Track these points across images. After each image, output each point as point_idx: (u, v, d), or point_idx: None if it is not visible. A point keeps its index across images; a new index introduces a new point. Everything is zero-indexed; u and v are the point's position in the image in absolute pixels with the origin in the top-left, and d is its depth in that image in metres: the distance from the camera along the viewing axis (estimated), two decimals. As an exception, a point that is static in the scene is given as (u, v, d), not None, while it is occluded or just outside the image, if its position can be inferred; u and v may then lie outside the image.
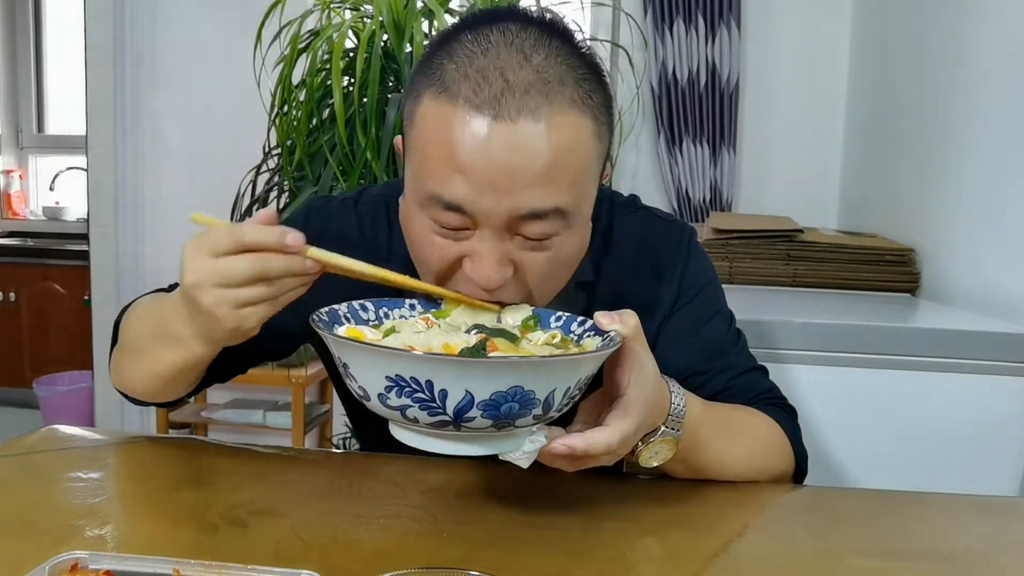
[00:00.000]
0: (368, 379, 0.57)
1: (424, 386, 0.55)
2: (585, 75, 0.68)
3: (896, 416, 1.35)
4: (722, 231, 1.92)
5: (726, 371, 0.88)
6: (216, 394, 3.00)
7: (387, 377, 0.56)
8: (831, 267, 1.87)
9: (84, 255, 3.04)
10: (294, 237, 0.63)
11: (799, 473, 0.87)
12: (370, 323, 0.69)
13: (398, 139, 0.77)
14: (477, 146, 0.64)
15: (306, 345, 0.94)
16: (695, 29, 2.44)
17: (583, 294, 0.86)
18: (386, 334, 0.65)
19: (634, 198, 0.94)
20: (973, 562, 0.68)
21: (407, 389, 0.55)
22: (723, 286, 0.95)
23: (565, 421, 0.65)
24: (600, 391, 0.69)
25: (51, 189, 4.06)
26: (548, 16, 0.70)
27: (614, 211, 0.90)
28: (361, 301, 0.70)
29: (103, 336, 3.01)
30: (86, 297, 3.07)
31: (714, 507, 0.76)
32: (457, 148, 0.65)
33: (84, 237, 3.06)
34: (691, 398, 0.74)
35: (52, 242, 3.84)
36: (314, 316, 0.63)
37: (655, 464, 0.71)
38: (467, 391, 0.55)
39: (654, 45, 2.47)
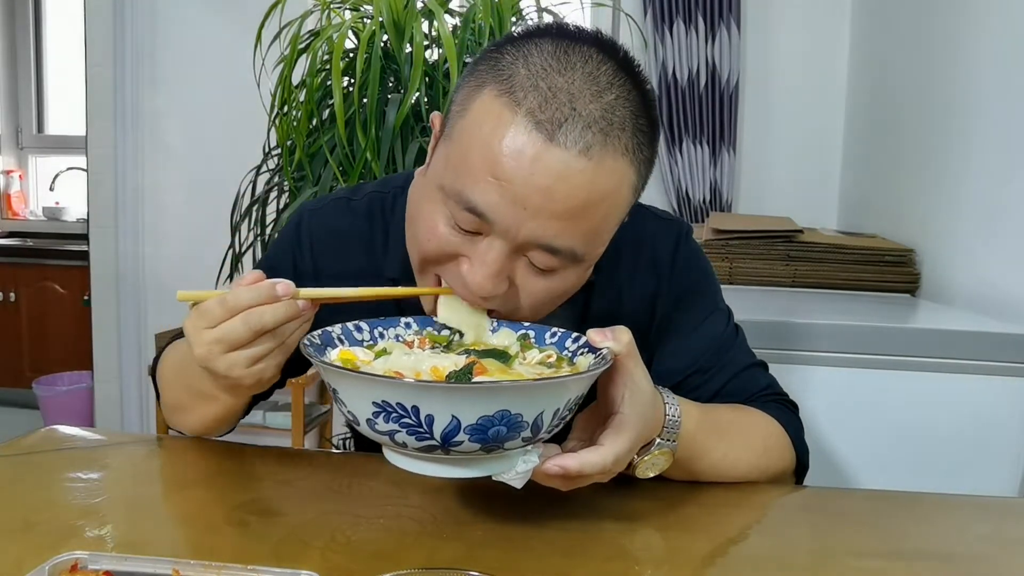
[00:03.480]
0: (356, 405, 0.58)
1: (410, 411, 0.55)
2: (643, 126, 0.67)
3: (896, 416, 1.35)
4: (722, 231, 1.92)
5: (726, 368, 0.88)
6: (216, 394, 3.00)
7: (374, 403, 0.56)
8: (831, 267, 1.87)
9: (84, 255, 3.04)
10: (284, 287, 0.65)
11: (800, 469, 0.87)
12: (364, 343, 0.69)
13: (436, 115, 0.75)
14: (522, 161, 0.62)
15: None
16: (695, 29, 2.44)
17: (581, 289, 0.86)
18: (378, 355, 0.65)
19: None
20: (973, 562, 0.68)
21: (394, 415, 0.55)
22: (723, 287, 0.95)
23: (559, 437, 0.65)
24: (594, 405, 0.68)
25: (51, 189, 4.06)
26: (627, 53, 0.69)
27: None
28: (356, 322, 0.70)
29: (103, 336, 3.01)
30: (86, 297, 3.07)
31: (714, 507, 0.76)
32: (502, 155, 0.63)
33: (84, 237, 3.06)
34: (686, 406, 0.73)
35: (52, 242, 3.84)
36: (305, 340, 0.64)
37: (652, 475, 0.72)
38: (453, 416, 0.54)
39: (654, 45, 2.47)
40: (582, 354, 0.67)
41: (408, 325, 0.72)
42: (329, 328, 0.68)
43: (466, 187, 0.65)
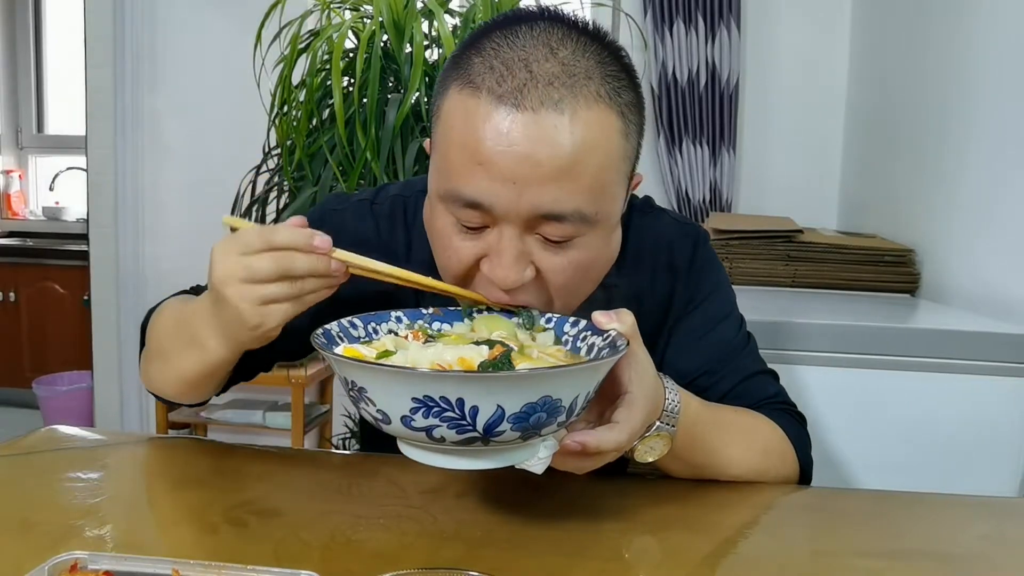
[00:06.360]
0: (391, 402, 0.56)
1: (455, 404, 0.54)
2: (614, 72, 0.67)
3: (896, 416, 1.35)
4: (722, 231, 1.92)
5: (735, 373, 0.88)
6: (216, 394, 3.00)
7: (414, 399, 0.54)
8: (831, 267, 1.87)
9: (84, 255, 3.04)
10: (322, 239, 0.65)
11: (804, 480, 0.87)
12: (361, 340, 0.68)
13: (427, 141, 0.76)
14: (497, 137, 0.63)
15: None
16: (695, 30, 2.44)
17: (601, 290, 0.86)
18: (382, 354, 0.64)
19: (649, 199, 0.94)
20: (972, 562, 0.68)
21: (435, 409, 0.54)
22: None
23: None
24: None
25: (51, 189, 4.06)
26: (579, 17, 0.70)
27: (631, 212, 0.89)
28: (350, 318, 0.69)
29: (103, 336, 3.01)
30: (86, 297, 3.06)
31: (714, 507, 0.76)
32: (478, 140, 0.64)
33: (84, 237, 3.06)
34: (686, 396, 0.74)
35: (52, 242, 3.84)
36: (313, 339, 0.63)
37: (650, 459, 0.72)
38: (498, 405, 0.54)
39: (654, 46, 2.47)
40: (584, 338, 0.68)
41: (399, 319, 0.72)
42: (328, 326, 0.67)
43: (457, 184, 0.66)
